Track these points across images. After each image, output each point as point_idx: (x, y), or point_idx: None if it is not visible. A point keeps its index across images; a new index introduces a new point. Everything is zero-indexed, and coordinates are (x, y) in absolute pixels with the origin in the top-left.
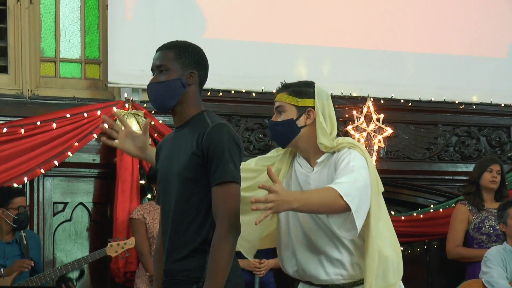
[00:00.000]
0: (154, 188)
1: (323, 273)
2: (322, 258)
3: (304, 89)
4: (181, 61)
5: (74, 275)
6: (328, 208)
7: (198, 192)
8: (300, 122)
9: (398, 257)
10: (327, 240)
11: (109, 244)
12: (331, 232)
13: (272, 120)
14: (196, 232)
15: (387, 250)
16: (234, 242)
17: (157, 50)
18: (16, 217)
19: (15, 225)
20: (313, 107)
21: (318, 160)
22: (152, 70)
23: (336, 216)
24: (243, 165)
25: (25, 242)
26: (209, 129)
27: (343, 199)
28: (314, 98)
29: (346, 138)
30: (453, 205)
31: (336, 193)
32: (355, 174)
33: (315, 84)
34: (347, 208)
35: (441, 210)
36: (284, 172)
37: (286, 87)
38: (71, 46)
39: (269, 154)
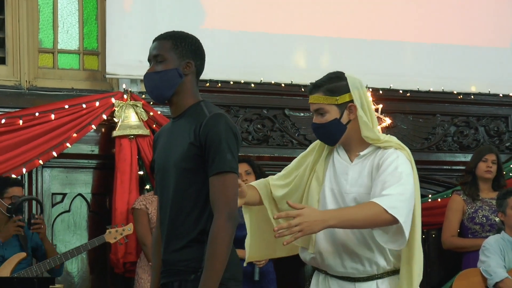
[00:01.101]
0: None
1: (340, 265)
2: (341, 251)
3: (338, 84)
4: (178, 51)
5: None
6: (372, 223)
7: (195, 183)
8: (344, 119)
9: None
10: (350, 235)
11: (107, 231)
12: (358, 231)
13: (316, 123)
14: (194, 222)
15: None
16: (232, 231)
17: (154, 40)
18: (9, 206)
19: (8, 214)
20: (352, 100)
21: (361, 153)
22: (149, 60)
23: (381, 232)
24: (276, 176)
25: (22, 233)
26: (207, 119)
27: (387, 212)
28: (349, 91)
29: (393, 137)
30: (450, 195)
31: (380, 208)
32: (403, 184)
33: (345, 75)
34: (393, 221)
35: (439, 200)
36: (321, 161)
37: (319, 86)
38: (69, 37)
39: (308, 149)
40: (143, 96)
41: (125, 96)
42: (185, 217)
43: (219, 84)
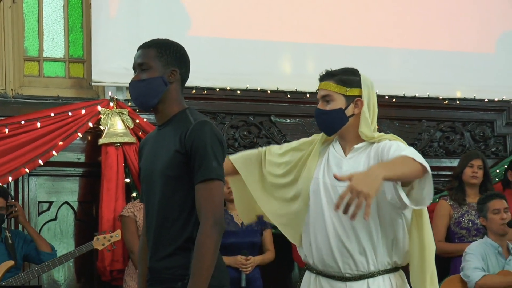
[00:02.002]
0: None
1: (332, 261)
2: (333, 248)
3: (351, 77)
4: (163, 59)
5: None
6: (410, 172)
7: (181, 190)
8: (349, 111)
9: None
10: (342, 232)
11: (95, 237)
12: (348, 222)
13: (320, 109)
14: (181, 230)
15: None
16: (218, 238)
17: (139, 48)
18: None
19: None
20: (360, 96)
21: (356, 146)
22: (133, 68)
23: (404, 192)
24: (276, 149)
25: (10, 241)
26: (192, 127)
27: (416, 161)
28: (360, 87)
29: (387, 134)
30: (437, 200)
31: (409, 158)
32: (413, 150)
33: (359, 73)
34: (422, 170)
35: None
36: (314, 155)
37: (333, 75)
38: (54, 45)
39: (310, 139)
40: (129, 103)
41: (111, 104)
42: (171, 225)
43: (205, 91)
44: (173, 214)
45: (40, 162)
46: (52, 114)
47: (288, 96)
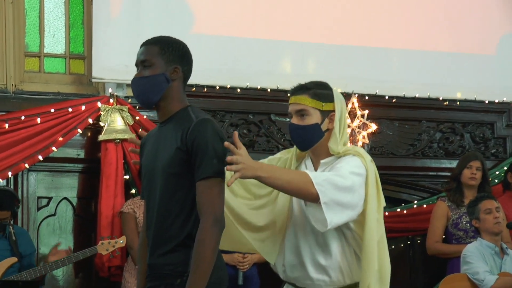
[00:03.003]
0: None
1: (307, 278)
2: (306, 262)
3: (324, 92)
4: (165, 56)
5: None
6: (296, 190)
7: (182, 187)
8: (324, 126)
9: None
10: (314, 244)
11: (100, 242)
12: (320, 237)
13: (295, 124)
14: (181, 227)
15: (387, 261)
16: (218, 236)
17: (141, 45)
18: None
19: None
20: (334, 111)
21: (322, 161)
22: (136, 65)
23: (312, 207)
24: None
25: (14, 238)
26: (193, 124)
27: (314, 186)
28: (333, 101)
29: (356, 147)
30: (435, 201)
31: (309, 178)
32: (342, 177)
33: (330, 86)
34: (316, 198)
35: (424, 206)
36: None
37: (307, 89)
38: (55, 41)
39: (277, 155)
40: (129, 100)
41: (111, 101)
42: (171, 222)
43: (205, 89)
44: (173, 211)
45: (40, 157)
46: (52, 110)
47: (288, 95)
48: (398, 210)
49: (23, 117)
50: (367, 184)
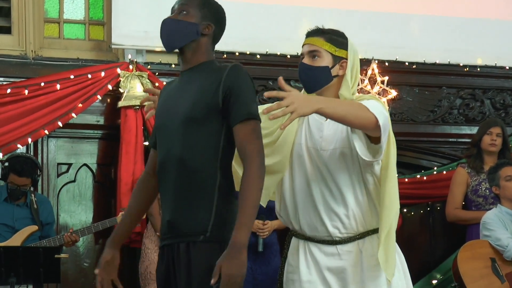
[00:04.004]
0: None
1: (320, 224)
2: (320, 211)
3: (340, 39)
4: (203, 11)
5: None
6: (355, 117)
7: (208, 136)
8: (334, 71)
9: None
10: (328, 192)
11: (120, 213)
12: (333, 184)
13: (306, 63)
14: (205, 181)
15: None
16: (263, 179)
17: None
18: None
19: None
20: (346, 59)
21: None
22: (172, 9)
23: (358, 137)
24: None
25: (35, 206)
26: (229, 69)
27: (369, 110)
28: (347, 50)
29: (366, 95)
30: (455, 167)
31: (363, 106)
32: (379, 107)
33: (347, 37)
34: (374, 121)
35: (444, 172)
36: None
37: (323, 33)
38: (74, 7)
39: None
40: (149, 66)
41: (130, 67)
42: (194, 175)
43: (225, 55)
44: (197, 163)
45: (60, 124)
46: (72, 76)
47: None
48: (418, 176)
49: (42, 84)
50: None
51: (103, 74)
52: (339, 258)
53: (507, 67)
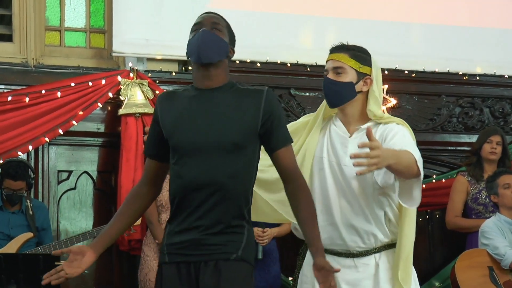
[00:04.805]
0: None
1: (338, 238)
2: (339, 224)
3: (363, 55)
4: (229, 34)
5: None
6: (408, 170)
7: (247, 160)
8: (358, 87)
9: None
10: (347, 206)
11: None
12: (353, 200)
13: (331, 79)
14: (241, 207)
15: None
16: None
17: (207, 13)
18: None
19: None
20: (369, 75)
21: (362, 126)
22: (198, 24)
23: (403, 185)
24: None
25: (31, 212)
26: (267, 94)
27: (416, 164)
28: (371, 66)
29: (395, 117)
30: (455, 175)
31: (413, 158)
32: (416, 149)
33: (370, 53)
34: (417, 174)
35: (443, 180)
36: (314, 133)
37: (348, 49)
38: (76, 15)
39: (300, 120)
40: (149, 74)
41: (131, 75)
42: (233, 202)
43: None
44: (237, 190)
45: (60, 131)
46: (73, 84)
47: (308, 69)
48: None
49: (43, 91)
50: None
51: (103, 82)
52: (356, 270)
53: (506, 76)
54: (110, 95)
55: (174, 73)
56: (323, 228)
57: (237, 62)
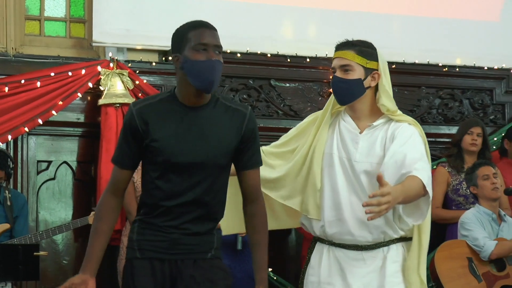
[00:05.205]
0: None
1: (347, 233)
2: (349, 219)
3: (370, 50)
4: None
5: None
6: (416, 198)
7: (225, 177)
8: (366, 83)
9: None
10: (356, 202)
11: (92, 212)
12: (364, 195)
13: (339, 77)
14: (217, 218)
15: None
16: None
17: (209, 28)
18: None
19: None
20: (377, 70)
21: (374, 123)
22: (204, 44)
23: (409, 207)
24: (272, 146)
25: (9, 203)
26: (250, 116)
27: (425, 188)
28: (377, 61)
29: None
30: (435, 167)
31: (420, 182)
32: (425, 161)
33: (375, 47)
34: (423, 195)
35: None
36: (323, 129)
37: (353, 45)
38: (56, 4)
39: (305, 120)
40: (129, 64)
41: (111, 65)
42: (214, 214)
43: None
44: (217, 206)
45: (40, 121)
46: (52, 74)
47: (288, 60)
48: None
49: (23, 81)
50: None
51: (83, 71)
52: (363, 263)
53: (486, 67)
54: (90, 85)
55: (154, 63)
56: (331, 223)
57: None
